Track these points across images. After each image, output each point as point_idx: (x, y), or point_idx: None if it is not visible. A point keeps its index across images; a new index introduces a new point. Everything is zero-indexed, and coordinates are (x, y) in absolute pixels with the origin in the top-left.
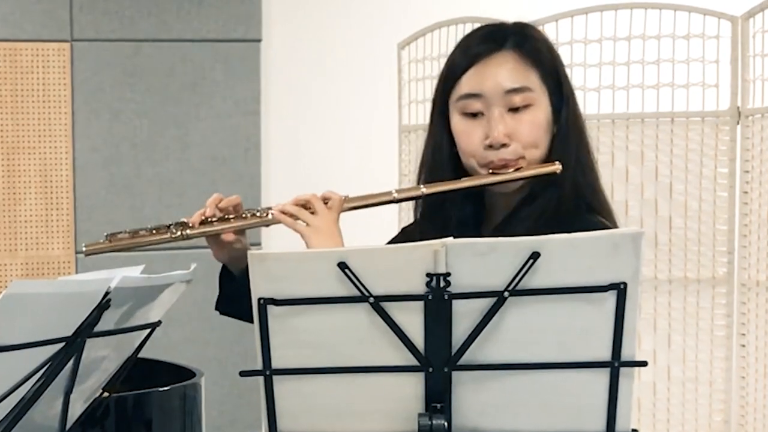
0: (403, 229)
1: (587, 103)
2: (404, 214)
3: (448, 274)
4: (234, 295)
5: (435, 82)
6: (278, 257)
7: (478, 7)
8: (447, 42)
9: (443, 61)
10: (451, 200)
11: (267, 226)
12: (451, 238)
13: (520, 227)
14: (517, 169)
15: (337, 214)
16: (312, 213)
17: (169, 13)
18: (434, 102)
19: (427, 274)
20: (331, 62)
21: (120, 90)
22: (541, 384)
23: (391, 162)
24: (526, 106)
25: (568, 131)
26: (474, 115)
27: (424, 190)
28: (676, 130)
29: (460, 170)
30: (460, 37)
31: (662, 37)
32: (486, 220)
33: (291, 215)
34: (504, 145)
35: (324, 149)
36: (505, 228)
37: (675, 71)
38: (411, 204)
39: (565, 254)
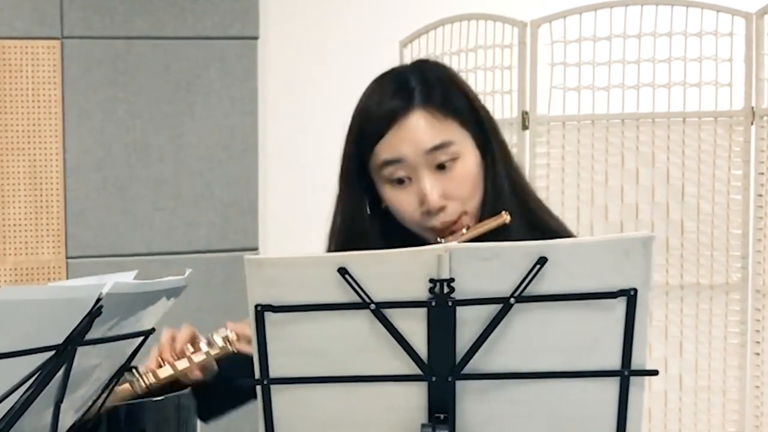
0: None
1: (596, 103)
2: None
3: (452, 280)
4: (214, 403)
5: None
6: (276, 262)
7: (482, 4)
8: (450, 40)
9: (446, 60)
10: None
11: (225, 354)
12: (455, 243)
13: None
14: (467, 229)
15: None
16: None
17: (163, 9)
18: (344, 162)
19: (430, 280)
20: (330, 61)
21: (112, 89)
22: (548, 394)
23: None
24: (453, 160)
25: (496, 166)
26: (401, 181)
27: None
28: (688, 130)
29: (389, 233)
30: (463, 34)
31: (674, 35)
32: None
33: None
34: (442, 208)
35: (323, 150)
36: None
37: (687, 70)
38: None
39: (573, 259)
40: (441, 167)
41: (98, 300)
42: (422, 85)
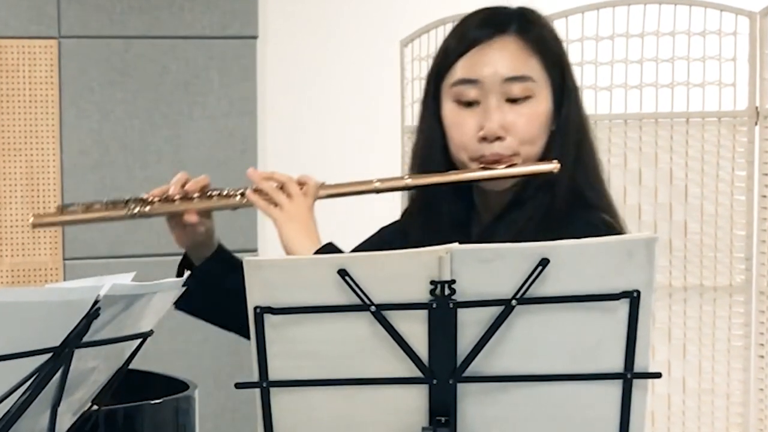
0: (381, 230)
1: (599, 103)
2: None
3: (453, 282)
4: (192, 291)
5: None
6: (275, 264)
7: (484, 3)
8: None
9: None
10: (438, 197)
11: (234, 209)
12: (456, 244)
13: (506, 232)
14: (509, 166)
15: (312, 201)
16: (287, 196)
17: (161, 8)
18: (426, 89)
19: (431, 282)
20: (330, 60)
21: (110, 89)
22: (550, 397)
23: (393, 164)
24: (526, 98)
25: (568, 128)
26: (469, 104)
27: (409, 181)
28: (692, 131)
29: (451, 166)
30: None
31: (677, 34)
32: (475, 220)
33: (265, 196)
34: (499, 138)
35: (323, 151)
36: (492, 231)
37: (690, 69)
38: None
39: (576, 261)
40: (513, 101)
41: (96, 302)
42: (521, 18)
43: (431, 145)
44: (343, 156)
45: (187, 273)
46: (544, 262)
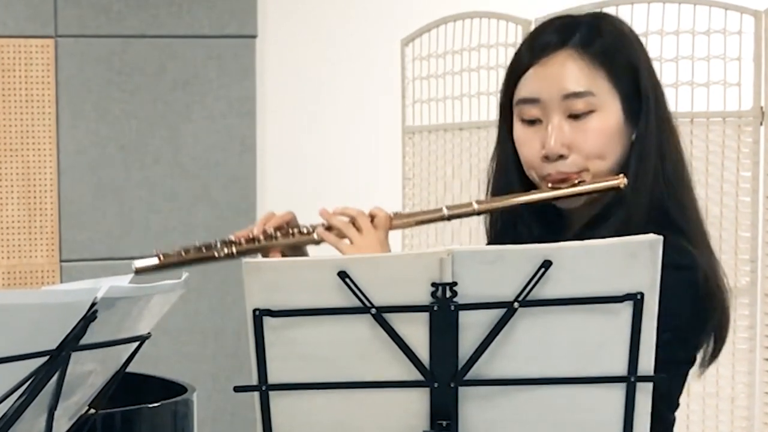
0: None
1: None
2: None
3: (455, 284)
4: None
5: (440, 80)
6: (274, 266)
7: (485, 2)
8: (453, 38)
9: (449, 59)
10: (521, 218)
11: (316, 243)
12: (457, 245)
13: None
14: (576, 184)
15: (385, 233)
16: (358, 230)
17: (159, 7)
18: (500, 103)
19: (433, 284)
20: (330, 60)
21: (107, 89)
22: (553, 400)
23: (394, 165)
24: (589, 112)
25: (646, 138)
26: (532, 122)
27: (477, 206)
28: (696, 131)
29: (529, 184)
30: (466, 32)
31: (681, 33)
32: (562, 239)
33: (336, 232)
34: (561, 157)
35: (323, 152)
36: None
37: (695, 69)
38: (416, 194)
39: (579, 263)
40: (575, 117)
41: (93, 304)
42: (588, 29)
43: (506, 164)
44: (344, 156)
45: (185, 274)
46: (546, 264)
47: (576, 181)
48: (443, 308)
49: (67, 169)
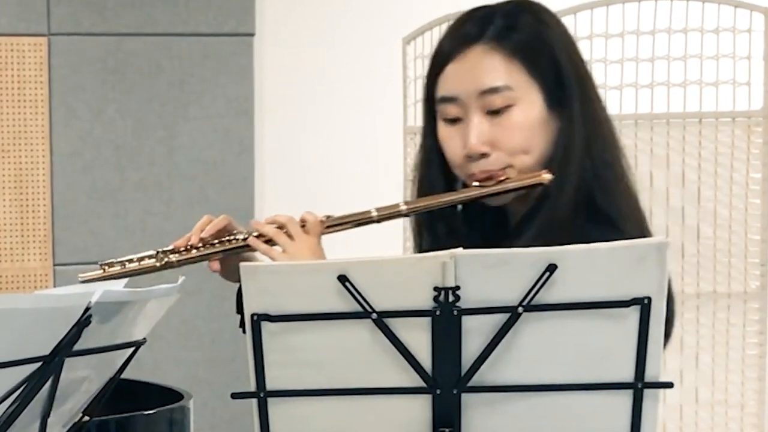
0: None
1: (609, 103)
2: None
3: (458, 288)
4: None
5: None
6: (272, 270)
7: (488, 0)
8: None
9: None
10: (456, 217)
11: (252, 251)
12: (460, 249)
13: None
14: (501, 181)
15: (317, 238)
16: (289, 237)
17: (155, 4)
18: (424, 100)
19: (435, 288)
20: (330, 58)
21: (101, 88)
22: (558, 407)
23: (395, 165)
24: (508, 107)
25: (570, 129)
26: (454, 121)
27: (404, 207)
28: (705, 131)
29: (457, 181)
30: None
31: (689, 31)
32: (505, 236)
33: (266, 240)
34: (484, 155)
35: (322, 152)
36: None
37: (703, 68)
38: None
39: (584, 266)
40: (494, 113)
41: (87, 309)
42: (505, 21)
43: (430, 162)
44: (343, 157)
45: (181, 278)
46: (551, 268)
47: (501, 178)
48: (446, 313)
49: (60, 170)
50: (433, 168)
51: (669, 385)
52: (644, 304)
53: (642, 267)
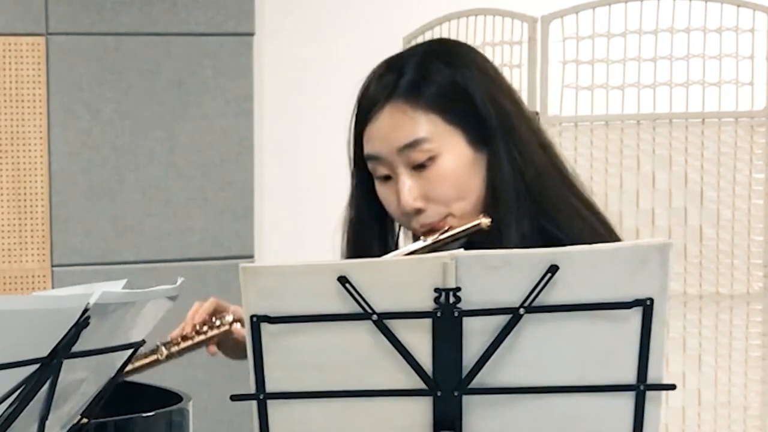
0: None
1: (610, 103)
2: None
3: (458, 289)
4: None
5: None
6: (272, 271)
7: (481, 1)
8: (457, 36)
9: None
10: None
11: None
12: (461, 250)
13: None
14: (444, 231)
15: None
16: None
17: (153, 4)
18: (351, 154)
19: (436, 289)
20: (330, 58)
21: (100, 88)
22: (559, 409)
23: None
24: (431, 159)
25: (498, 164)
26: (386, 178)
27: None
28: (708, 131)
29: (390, 235)
30: (470, 30)
31: (692, 31)
32: None
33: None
34: (419, 210)
35: (322, 153)
36: None
37: (706, 68)
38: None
39: (586, 267)
40: (420, 167)
41: (85, 310)
42: (415, 74)
43: (363, 215)
44: (343, 158)
45: (180, 279)
46: (553, 269)
47: (444, 229)
48: (447, 314)
49: (58, 170)
50: (368, 219)
51: (671, 386)
52: (646, 306)
53: (644, 268)
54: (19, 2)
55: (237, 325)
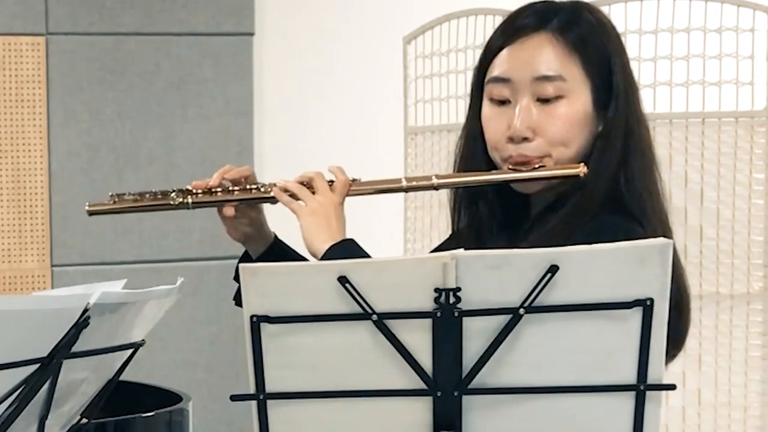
0: (451, 235)
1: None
2: (410, 204)
3: (459, 289)
4: None
5: (444, 79)
6: (272, 270)
7: None
8: (457, 36)
9: (452, 57)
10: (485, 198)
11: (271, 203)
12: (461, 250)
13: (539, 234)
14: (536, 168)
15: (341, 198)
16: (313, 193)
17: (153, 4)
18: (472, 84)
19: (436, 290)
20: (330, 58)
21: (99, 88)
22: (559, 409)
23: (396, 166)
24: (558, 98)
25: (612, 130)
26: (501, 102)
27: (436, 181)
28: (708, 131)
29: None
30: (471, 30)
31: (692, 31)
32: (526, 222)
33: (290, 194)
34: (526, 139)
35: (322, 153)
36: (528, 234)
37: (706, 68)
38: (419, 196)
39: (586, 267)
40: (544, 101)
41: (85, 310)
42: (567, 16)
43: (473, 141)
44: (344, 157)
45: (180, 279)
46: (553, 269)
47: (537, 165)
48: (447, 314)
49: (58, 170)
50: (476, 147)
51: (671, 387)
52: (647, 306)
53: (644, 268)
54: (19, 2)
55: (276, 190)
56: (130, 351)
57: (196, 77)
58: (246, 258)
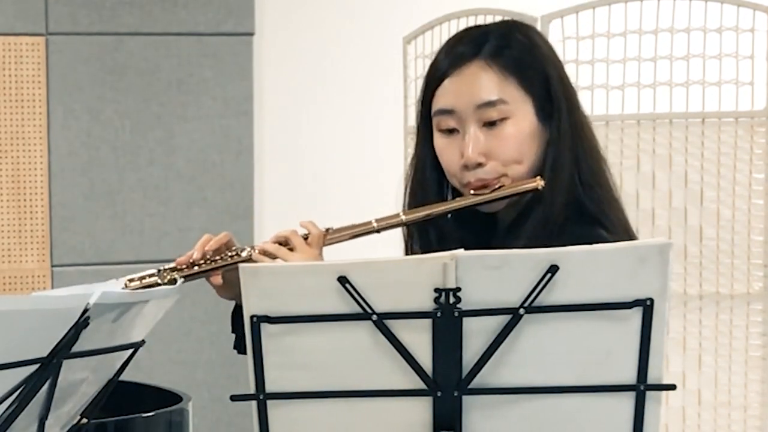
0: None
1: (610, 103)
2: None
3: (458, 289)
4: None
5: None
6: (272, 271)
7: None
8: None
9: None
10: (447, 224)
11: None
12: (461, 250)
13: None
14: (496, 189)
15: (319, 250)
16: (291, 250)
17: (153, 4)
18: (418, 113)
19: (436, 290)
20: (330, 58)
21: (99, 88)
22: (559, 409)
23: (396, 166)
24: (503, 120)
25: (560, 140)
26: (450, 132)
27: (404, 217)
28: (708, 131)
29: (447, 189)
30: None
31: (692, 31)
32: (494, 239)
33: (269, 255)
34: (480, 165)
35: (322, 153)
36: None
37: (706, 67)
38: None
39: (586, 268)
40: (490, 125)
41: (85, 311)
42: (498, 41)
43: (422, 171)
44: (344, 158)
45: (180, 280)
46: (553, 269)
47: (496, 186)
48: (447, 315)
49: (58, 170)
50: (427, 176)
51: (671, 387)
52: (647, 306)
53: (644, 268)
54: (19, 2)
55: (255, 255)
56: (130, 351)
57: (196, 77)
58: (237, 311)
